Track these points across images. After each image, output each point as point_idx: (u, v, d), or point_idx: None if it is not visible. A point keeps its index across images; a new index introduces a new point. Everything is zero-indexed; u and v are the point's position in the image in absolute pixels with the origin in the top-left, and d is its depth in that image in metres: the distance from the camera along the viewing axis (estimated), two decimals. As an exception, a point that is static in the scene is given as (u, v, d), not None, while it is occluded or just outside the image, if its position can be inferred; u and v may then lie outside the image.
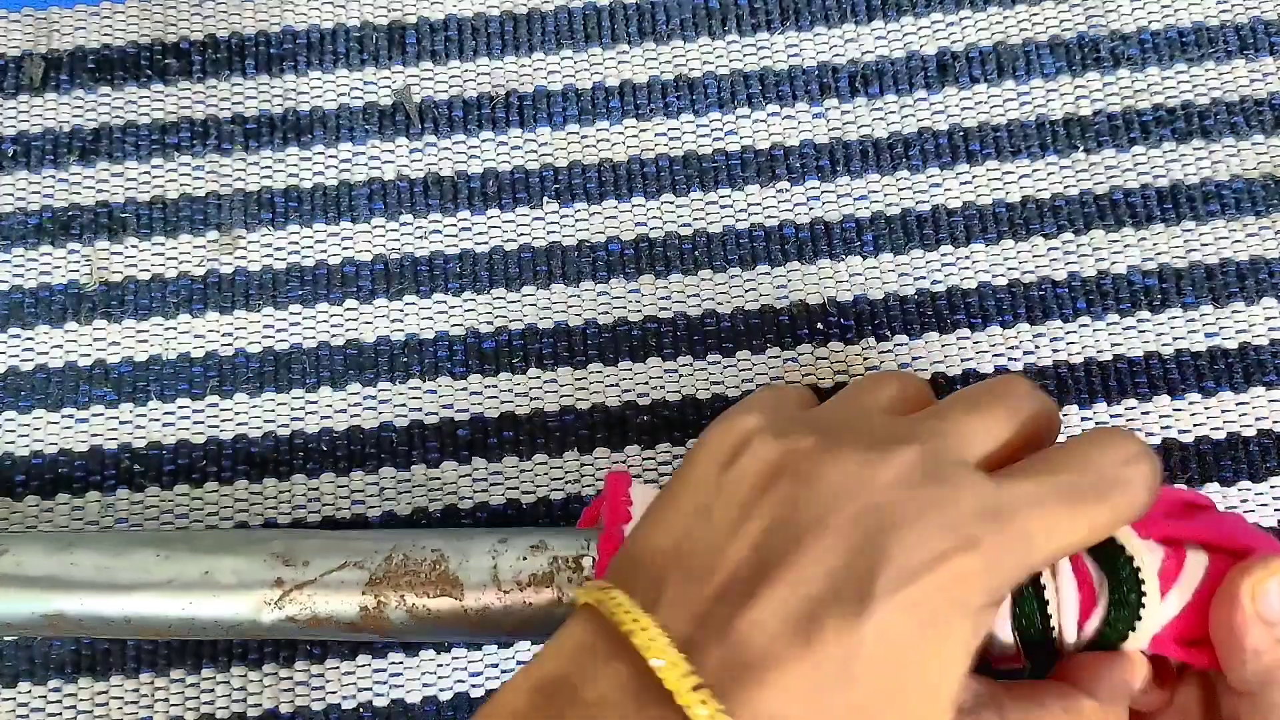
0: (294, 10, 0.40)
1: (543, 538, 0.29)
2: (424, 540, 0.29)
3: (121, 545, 0.30)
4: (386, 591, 0.28)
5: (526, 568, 0.28)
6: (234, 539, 0.30)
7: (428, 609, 0.28)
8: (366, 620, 0.28)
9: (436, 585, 0.28)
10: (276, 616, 0.28)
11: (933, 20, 0.39)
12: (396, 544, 0.29)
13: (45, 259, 0.38)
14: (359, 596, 0.28)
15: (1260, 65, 0.38)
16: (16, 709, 0.33)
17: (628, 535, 0.25)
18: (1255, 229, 0.37)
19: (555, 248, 0.37)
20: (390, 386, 0.36)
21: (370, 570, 0.28)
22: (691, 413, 0.35)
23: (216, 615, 0.28)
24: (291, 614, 0.28)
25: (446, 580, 0.28)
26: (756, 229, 0.37)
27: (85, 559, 0.29)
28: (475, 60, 0.39)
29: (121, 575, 0.29)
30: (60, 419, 0.36)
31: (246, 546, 0.29)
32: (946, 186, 0.37)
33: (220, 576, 0.29)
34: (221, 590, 0.28)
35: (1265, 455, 0.34)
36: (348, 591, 0.28)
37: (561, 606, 0.28)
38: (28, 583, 0.29)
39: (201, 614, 0.28)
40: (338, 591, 0.28)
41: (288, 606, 0.28)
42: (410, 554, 0.29)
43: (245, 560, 0.29)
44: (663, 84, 0.39)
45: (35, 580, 0.29)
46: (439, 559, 0.28)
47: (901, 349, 0.36)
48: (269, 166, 0.38)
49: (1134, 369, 0.35)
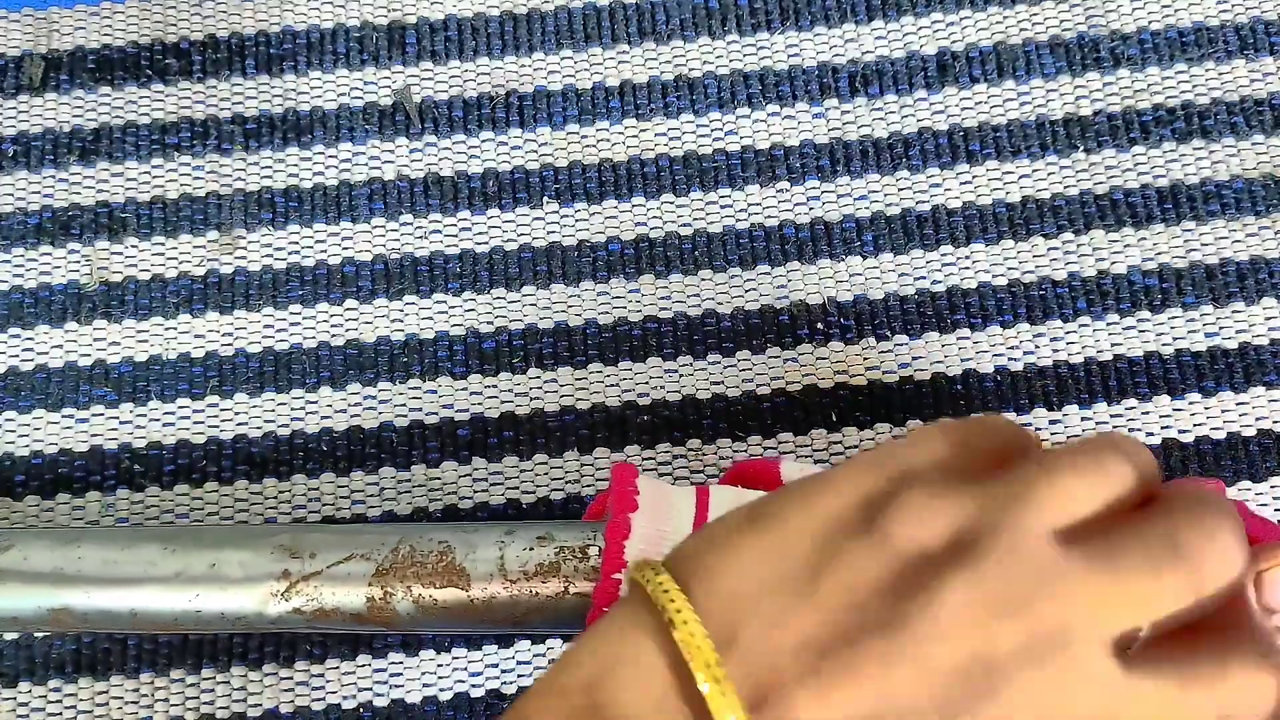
0: (294, 10, 0.40)
1: (549, 529, 0.29)
2: (430, 532, 0.29)
3: (128, 539, 0.29)
4: (393, 583, 0.28)
5: (533, 558, 0.28)
6: (241, 532, 0.30)
7: (434, 599, 0.28)
8: (373, 612, 0.28)
9: (443, 576, 0.28)
10: (283, 609, 0.28)
11: (933, 20, 0.39)
12: (403, 536, 0.29)
13: (45, 259, 0.38)
14: (366, 588, 0.28)
15: (1260, 65, 0.38)
16: (16, 709, 0.33)
17: (709, 532, 0.23)
18: (1255, 229, 0.37)
19: (555, 248, 0.37)
20: (390, 386, 0.36)
21: (377, 562, 0.28)
22: (691, 413, 0.35)
23: (223, 608, 0.28)
24: (298, 606, 0.28)
25: (453, 571, 0.28)
26: (756, 229, 0.37)
27: (91, 553, 0.29)
28: (475, 60, 0.39)
29: (127, 569, 0.29)
30: (60, 419, 0.36)
31: (253, 539, 0.29)
32: (946, 186, 0.37)
33: (227, 569, 0.29)
34: (228, 583, 0.28)
35: (1265, 455, 0.34)
36: (354, 583, 0.28)
37: (568, 597, 0.28)
38: (34, 577, 0.29)
39: (208, 607, 0.28)
40: (344, 583, 0.28)
41: (294, 599, 0.28)
42: (417, 545, 0.29)
43: (252, 553, 0.29)
44: (663, 84, 0.39)
45: (41, 575, 0.29)
46: (445, 550, 0.28)
47: (901, 349, 0.36)
48: (269, 166, 0.38)
49: (1134, 369, 0.35)
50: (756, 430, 0.35)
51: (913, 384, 0.35)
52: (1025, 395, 0.35)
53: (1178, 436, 0.35)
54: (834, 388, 0.36)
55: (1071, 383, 0.35)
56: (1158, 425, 0.35)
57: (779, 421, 0.35)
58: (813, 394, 0.35)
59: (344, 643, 0.34)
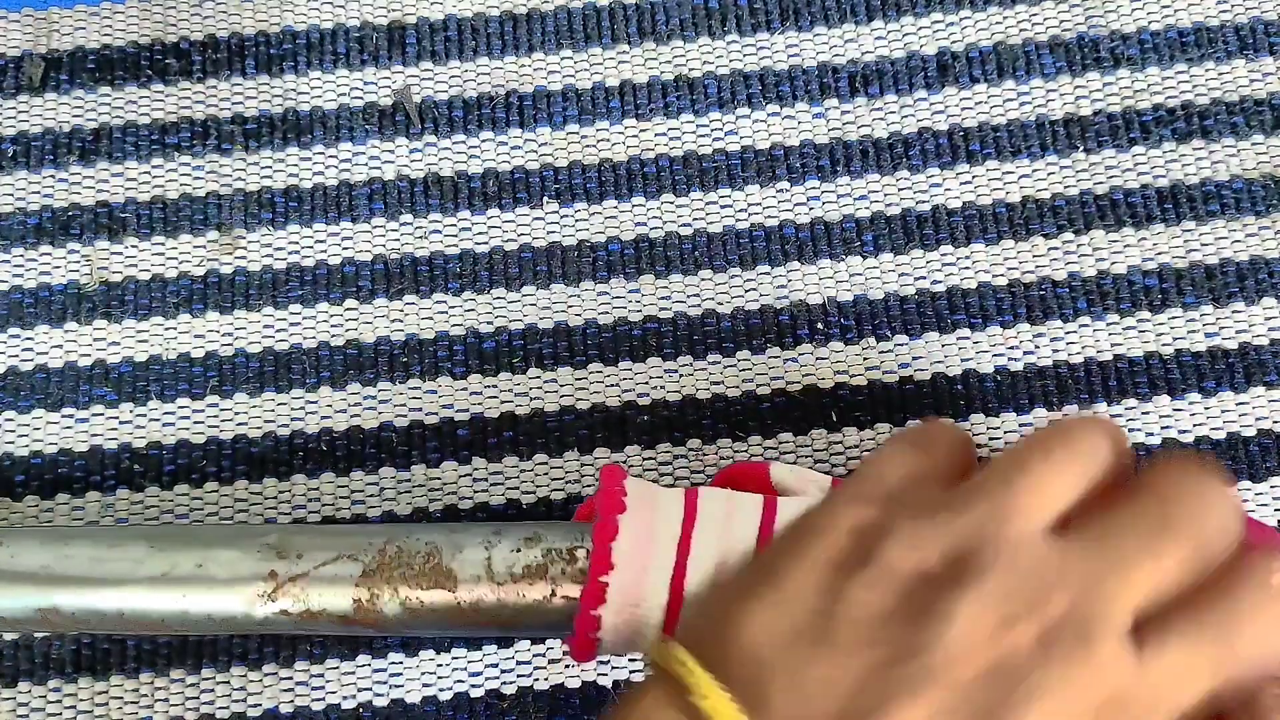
0: (294, 10, 0.40)
1: (537, 530, 0.29)
2: (418, 533, 0.29)
3: (115, 539, 0.29)
4: (380, 584, 0.28)
5: (520, 560, 0.28)
6: (228, 532, 0.30)
7: (421, 601, 0.28)
8: (360, 613, 0.28)
9: (430, 578, 0.28)
10: (270, 610, 0.28)
11: (933, 20, 0.39)
12: (390, 536, 0.29)
13: (45, 259, 0.38)
14: (352, 589, 0.28)
15: (1260, 65, 0.38)
16: (16, 709, 0.33)
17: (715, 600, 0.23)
18: (1255, 229, 0.37)
19: (555, 248, 0.37)
20: (390, 386, 0.36)
21: (364, 563, 0.28)
22: (691, 413, 0.35)
23: (210, 609, 0.28)
24: (285, 607, 0.28)
25: (440, 573, 0.28)
26: (756, 229, 0.37)
27: (79, 552, 0.29)
28: (475, 60, 0.39)
29: (115, 568, 0.29)
30: (60, 419, 0.36)
31: (240, 539, 0.29)
32: (946, 186, 0.37)
33: (213, 570, 0.28)
34: (214, 584, 0.28)
35: (1265, 455, 0.34)
36: (341, 584, 0.28)
37: (555, 600, 0.28)
38: (22, 576, 0.29)
39: (195, 608, 0.28)
40: (331, 584, 0.28)
41: (281, 599, 0.28)
42: (404, 546, 0.28)
43: (239, 553, 0.29)
44: (663, 84, 0.39)
45: (29, 574, 0.29)
46: (432, 551, 0.28)
47: (901, 349, 0.36)
48: (269, 166, 0.38)
49: (1134, 369, 0.35)
50: (756, 430, 0.35)
51: (913, 384, 0.35)
52: (1025, 395, 0.35)
53: (1178, 437, 0.35)
54: (834, 388, 0.36)
55: (1071, 383, 0.35)
56: (1158, 425, 0.35)
57: (779, 422, 0.35)
58: (813, 394, 0.35)
59: (344, 643, 0.34)
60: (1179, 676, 0.20)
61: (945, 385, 0.35)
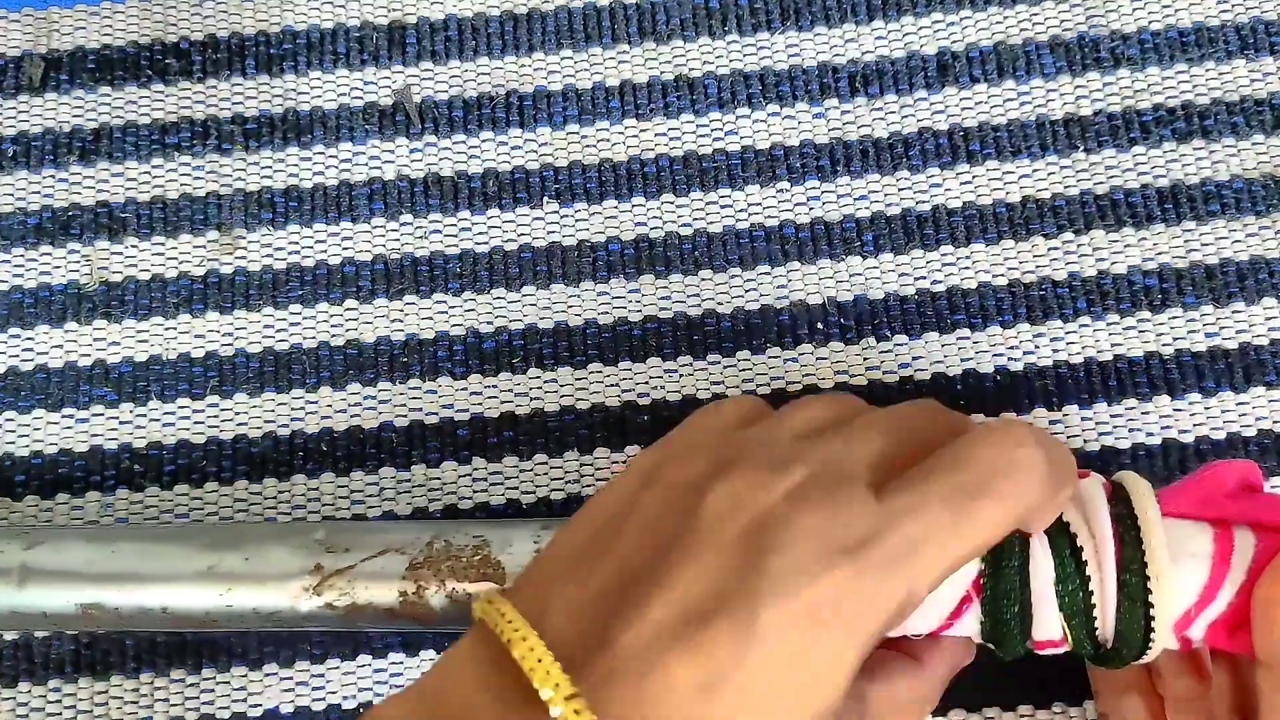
0: (294, 10, 0.40)
1: None
2: (466, 528, 0.29)
3: (160, 536, 0.30)
4: (427, 577, 0.28)
5: None
6: (275, 529, 0.30)
7: (468, 594, 0.28)
8: (406, 607, 0.28)
9: (478, 570, 0.28)
10: (315, 604, 0.28)
11: (933, 20, 0.39)
12: (438, 531, 0.29)
13: (45, 259, 0.38)
14: (399, 582, 0.28)
15: (1260, 65, 0.38)
16: (16, 709, 0.33)
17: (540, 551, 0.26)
18: (1255, 229, 0.37)
19: (555, 248, 0.37)
20: (390, 386, 0.36)
21: (411, 556, 0.28)
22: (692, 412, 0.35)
23: (255, 604, 0.28)
24: (330, 600, 0.28)
25: (489, 566, 0.28)
26: (756, 229, 0.37)
27: (124, 549, 0.29)
28: (475, 60, 0.39)
29: (159, 565, 0.29)
30: (60, 419, 0.36)
31: (287, 535, 0.29)
32: (946, 186, 0.37)
33: (259, 565, 0.28)
34: (260, 578, 0.28)
35: (1265, 455, 0.34)
36: (387, 577, 0.28)
37: None
38: (65, 574, 0.29)
39: (240, 603, 0.28)
40: (377, 577, 0.28)
41: (326, 593, 0.28)
42: (452, 540, 0.28)
43: (287, 548, 0.29)
44: (663, 84, 0.39)
45: (73, 571, 0.29)
46: (481, 544, 0.28)
47: (901, 349, 0.36)
48: (269, 166, 0.38)
49: (1134, 369, 0.35)
50: (756, 430, 0.35)
51: (913, 384, 0.35)
52: (1025, 395, 0.35)
53: (1178, 437, 0.35)
54: (834, 388, 0.36)
55: (1071, 383, 0.35)
56: (1158, 425, 0.35)
57: (779, 421, 0.35)
58: (813, 394, 0.35)
59: (344, 642, 0.34)
60: (918, 515, 0.22)
61: (945, 385, 0.35)
